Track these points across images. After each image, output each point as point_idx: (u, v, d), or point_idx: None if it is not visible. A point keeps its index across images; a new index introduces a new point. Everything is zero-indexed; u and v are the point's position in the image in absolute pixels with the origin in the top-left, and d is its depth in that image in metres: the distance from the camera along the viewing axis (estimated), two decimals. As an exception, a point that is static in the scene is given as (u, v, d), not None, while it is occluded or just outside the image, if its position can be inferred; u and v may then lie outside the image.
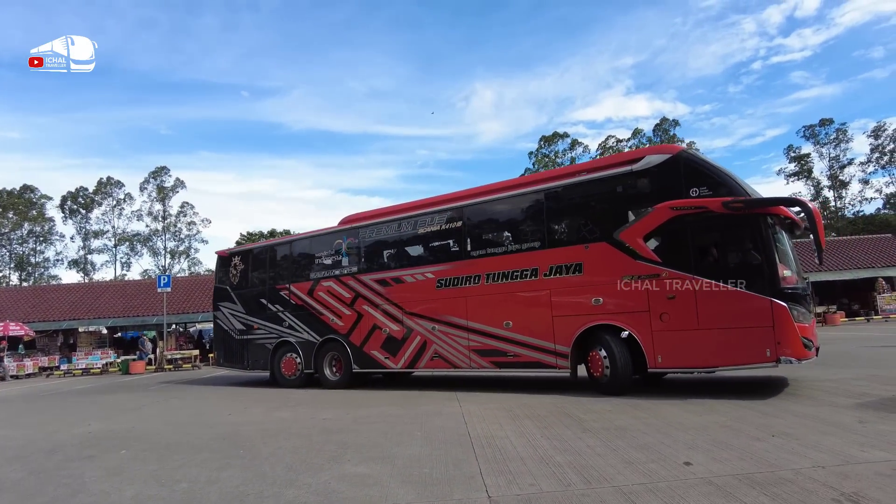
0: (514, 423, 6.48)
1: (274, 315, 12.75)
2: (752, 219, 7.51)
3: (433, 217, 10.68)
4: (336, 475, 4.70)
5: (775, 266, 7.34)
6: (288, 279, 12.77)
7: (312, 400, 9.82)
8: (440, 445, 5.54)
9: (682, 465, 4.35)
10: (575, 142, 57.41)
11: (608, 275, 8.38)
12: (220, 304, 13.99)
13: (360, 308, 11.36)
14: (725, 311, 7.51)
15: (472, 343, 9.74)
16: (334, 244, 12.04)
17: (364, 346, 11.25)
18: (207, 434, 7.04)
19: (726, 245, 7.98)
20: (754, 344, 7.30)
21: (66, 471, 5.47)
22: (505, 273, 9.50)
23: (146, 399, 11.53)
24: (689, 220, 7.81)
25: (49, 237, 55.06)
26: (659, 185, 8.21)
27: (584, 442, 5.32)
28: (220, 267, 14.45)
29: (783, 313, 7.18)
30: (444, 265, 10.35)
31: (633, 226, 8.27)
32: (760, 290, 7.31)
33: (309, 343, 12.08)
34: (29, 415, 10.32)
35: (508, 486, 4.12)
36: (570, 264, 8.83)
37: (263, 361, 12.81)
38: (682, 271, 7.80)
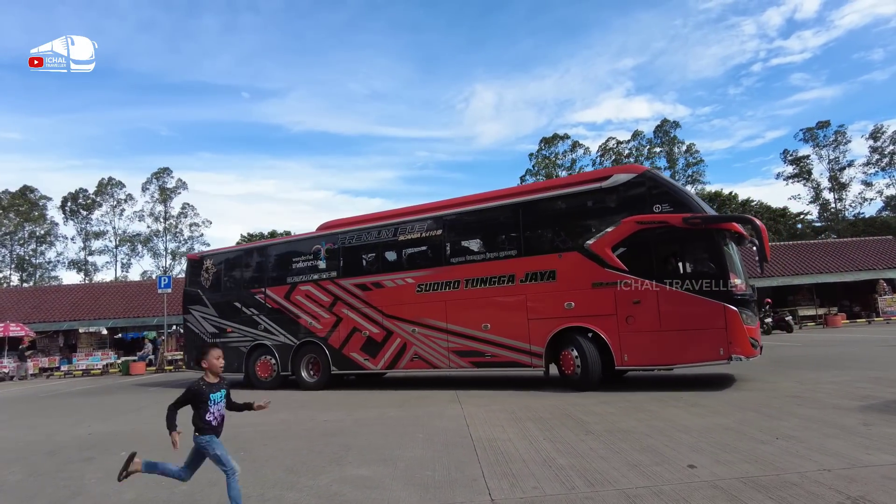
0: (516, 425, 6.44)
1: (249, 318, 12.86)
2: (708, 233, 8.51)
3: (414, 225, 11.18)
4: (337, 478, 4.67)
5: (728, 275, 8.29)
6: (264, 283, 12.92)
7: (313, 402, 9.78)
8: (442, 448, 5.51)
9: (687, 467, 4.32)
10: (576, 143, 57.43)
11: (579, 281, 9.24)
12: (190, 307, 13.91)
13: (339, 311, 11.70)
14: (684, 315, 8.44)
15: (452, 344, 10.30)
16: (313, 249, 12.30)
17: (343, 348, 11.59)
18: (208, 436, 7.00)
19: (685, 256, 8.89)
20: (709, 344, 8.23)
21: (65, 472, 5.44)
22: (483, 279, 10.17)
23: (146, 400, 11.49)
24: (652, 233, 8.77)
25: (50, 238, 55.04)
26: (625, 200, 9.12)
27: (586, 444, 5.28)
28: (190, 270, 14.43)
29: (734, 317, 8.15)
30: (425, 271, 10.84)
31: (603, 237, 9.15)
32: (714, 296, 8.24)
33: (286, 346, 12.30)
34: (29, 416, 10.28)
35: (511, 489, 4.08)
36: (544, 271, 9.61)
37: (237, 364, 12.82)
38: (646, 278, 8.72)
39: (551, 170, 56.29)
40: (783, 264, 27.68)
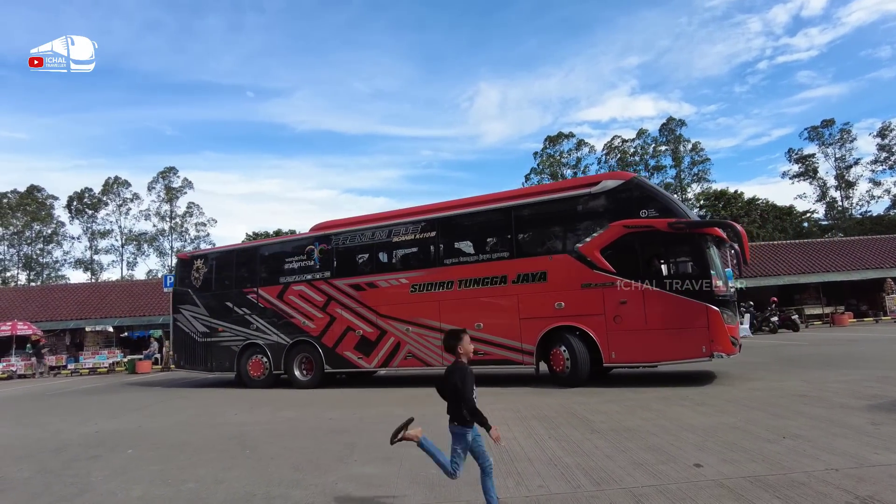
0: (521, 423, 6.44)
1: (241, 318, 12.93)
2: (692, 237, 8.98)
3: (408, 227, 11.41)
4: (343, 476, 4.68)
5: (710, 277, 8.73)
6: (256, 283, 12.98)
7: (318, 400, 9.80)
8: (447, 447, 5.49)
9: (693, 466, 4.30)
10: (581, 142, 57.24)
11: (569, 282, 9.63)
12: (180, 306, 13.92)
13: (333, 311, 11.86)
14: (668, 314, 8.89)
15: None
16: (306, 249, 12.42)
17: (337, 347, 11.76)
18: (214, 434, 7.03)
19: (670, 258, 9.34)
20: (692, 342, 8.70)
21: (72, 470, 5.46)
22: (476, 279, 10.48)
23: (152, 398, 11.54)
24: (639, 237, 9.22)
25: (57, 238, 55.34)
26: (614, 205, 9.56)
27: (592, 443, 5.27)
28: (180, 269, 14.38)
29: (716, 316, 8.61)
30: (419, 271, 11.09)
31: (592, 240, 9.58)
32: (697, 296, 8.71)
33: (278, 345, 12.40)
34: (36, 414, 10.34)
35: (517, 488, 4.08)
36: (535, 273, 9.98)
37: (229, 363, 12.96)
38: (633, 280, 9.15)
39: (556, 168, 56.18)
40: (789, 263, 27.53)
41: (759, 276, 26.44)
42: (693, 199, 52.33)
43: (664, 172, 54.52)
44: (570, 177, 55.63)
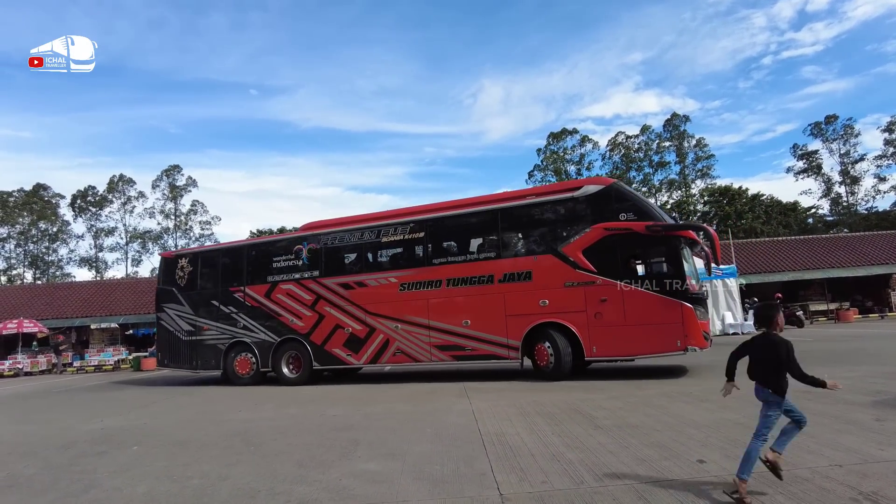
0: (524, 420, 6.44)
1: (227, 316, 13.02)
2: (668, 239, 9.63)
3: (397, 228, 11.77)
4: (347, 472, 4.69)
5: (684, 276, 9.42)
6: (243, 282, 13.06)
7: (321, 397, 9.83)
8: (451, 442, 5.52)
9: (696, 462, 4.30)
10: (585, 138, 57.00)
11: (553, 281, 10.18)
12: (164, 305, 13.90)
13: (321, 309, 12.07)
14: (646, 311, 9.47)
15: (434, 339, 10.98)
16: (295, 249, 12.61)
17: (325, 344, 11.97)
18: (218, 431, 7.06)
19: (647, 259, 9.93)
20: (668, 337, 9.31)
21: (78, 466, 5.50)
22: (464, 279, 10.92)
23: (157, 395, 11.60)
24: (618, 239, 9.80)
25: (62, 236, 55.55)
26: (595, 209, 10.12)
27: (595, 439, 5.28)
28: (164, 269, 14.33)
29: (689, 313, 9.29)
30: (408, 271, 11.44)
31: (574, 242, 10.13)
32: (672, 294, 9.36)
33: (266, 343, 12.54)
34: (42, 411, 10.41)
35: (520, 484, 4.09)
36: (521, 272, 10.48)
37: (215, 361, 13.04)
38: (613, 279, 9.74)
39: (560, 165, 56.01)
40: (794, 259, 27.44)
41: (763, 272, 26.37)
42: (697, 195, 52.17)
43: (668, 168, 54.36)
44: (573, 173, 55.58)
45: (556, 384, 9.49)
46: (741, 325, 20.09)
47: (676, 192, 53.76)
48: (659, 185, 54.50)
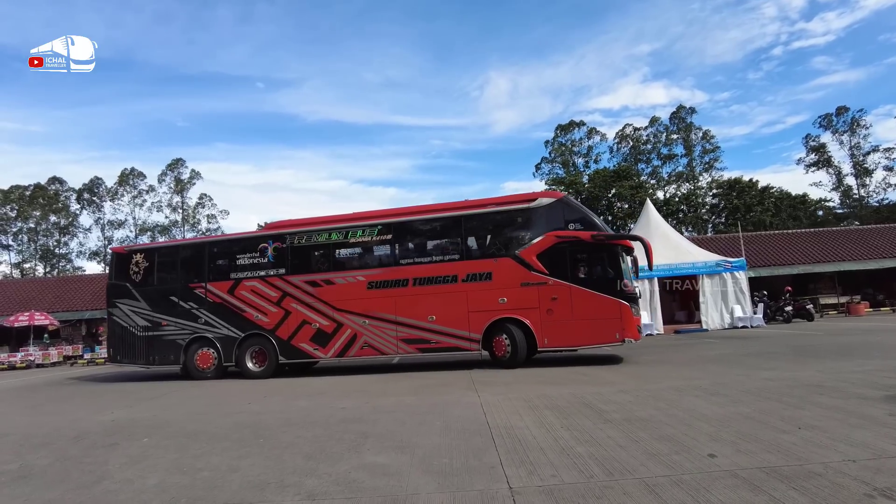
0: (533, 413, 6.43)
1: (186, 312, 13.10)
2: (609, 247, 11.26)
3: (366, 229, 12.53)
4: (356, 464, 4.70)
5: (622, 279, 11.03)
6: (204, 278, 13.21)
7: (331, 389, 9.86)
8: (459, 435, 5.52)
9: (707, 457, 4.28)
10: (592, 130, 56.69)
11: (511, 281, 11.42)
12: (116, 300, 13.72)
13: (287, 306, 12.54)
14: (590, 308, 10.96)
15: (400, 334, 11.86)
16: (260, 247, 12.95)
17: (292, 339, 12.46)
18: (227, 423, 7.10)
19: (592, 264, 11.39)
20: (608, 330, 10.88)
21: (90, 458, 5.54)
22: (430, 278, 11.86)
23: (166, 388, 11.67)
24: (567, 246, 11.29)
25: (72, 229, 55.96)
26: (547, 219, 11.53)
27: (605, 433, 5.26)
28: (117, 264, 14.22)
29: (626, 310, 10.93)
30: (376, 270, 12.28)
31: (529, 247, 11.45)
32: (612, 294, 10.92)
33: (229, 338, 12.77)
34: (54, 403, 10.51)
35: (529, 477, 4.08)
36: (482, 272, 11.62)
37: (174, 357, 13.11)
38: (562, 280, 11.17)
39: (568, 157, 55.79)
40: (804, 252, 27.22)
41: (772, 265, 26.20)
42: (705, 187, 51.79)
43: (676, 161, 53.99)
44: (581, 165, 55.31)
45: (563, 377, 9.48)
46: (750, 318, 19.96)
47: (685, 185, 53.39)
48: (668, 178, 54.15)
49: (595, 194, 47.84)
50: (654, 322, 19.96)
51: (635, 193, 46.27)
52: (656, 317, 20.11)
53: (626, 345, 11.10)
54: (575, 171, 54.29)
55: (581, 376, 9.51)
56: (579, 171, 54.44)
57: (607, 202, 49.19)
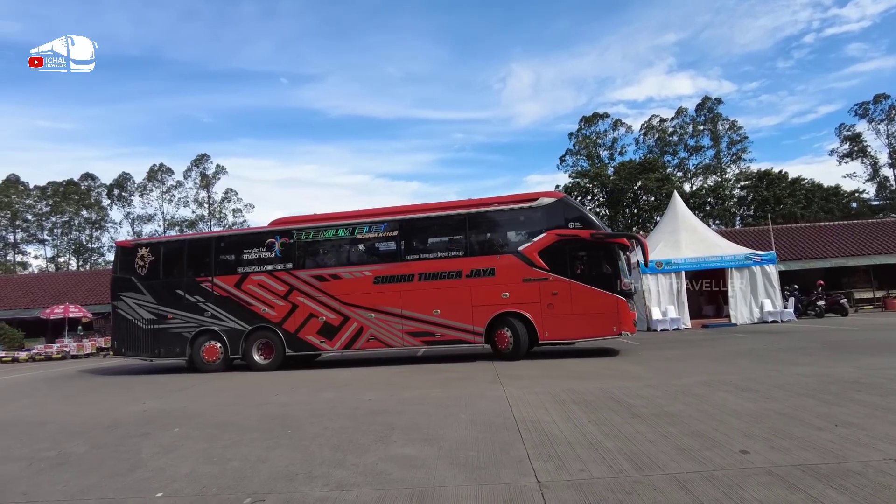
0: (560, 407, 6.38)
1: (193, 305, 13.30)
2: (607, 245, 11.85)
3: (372, 226, 12.90)
4: (383, 456, 4.72)
5: (620, 276, 11.59)
6: (211, 272, 13.43)
7: (356, 381, 9.93)
8: (486, 428, 5.50)
9: (739, 453, 4.19)
10: (617, 122, 55.87)
11: (513, 277, 11.93)
12: (121, 294, 13.84)
13: (295, 300, 12.85)
14: (589, 303, 11.50)
15: (406, 327, 12.29)
16: (267, 242, 13.21)
17: (299, 332, 12.79)
18: (256, 413, 7.19)
19: (590, 261, 11.87)
20: (605, 324, 11.46)
21: (124, 446, 5.67)
22: (435, 273, 12.29)
23: (195, 379, 11.87)
24: (567, 243, 11.82)
25: (104, 224, 57.39)
26: (548, 218, 12.03)
27: (633, 427, 5.19)
28: (121, 257, 14.30)
29: (623, 305, 11.52)
30: (382, 265, 12.69)
31: (531, 244, 11.96)
32: (610, 290, 11.50)
33: (236, 331, 13.03)
34: (89, 393, 10.77)
35: (557, 472, 4.05)
36: (485, 268, 12.08)
37: (180, 349, 13.30)
38: (563, 276, 11.71)
39: (592, 149, 55.15)
40: (837, 245, 26.50)
41: (804, 258, 25.58)
42: (733, 179, 50.73)
43: (703, 153, 52.99)
44: (606, 158, 54.65)
45: (589, 372, 9.41)
46: (781, 312, 19.53)
47: (712, 177, 52.40)
48: (694, 170, 53.21)
49: (620, 186, 47.25)
50: (682, 316, 19.67)
51: (661, 186, 45.57)
52: (683, 311, 19.81)
53: (622, 337, 11.74)
54: (600, 163, 53.66)
55: (607, 371, 9.42)
56: (604, 163, 53.79)
57: (633, 195, 48.55)
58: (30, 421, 7.69)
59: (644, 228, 45.87)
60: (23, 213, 55.31)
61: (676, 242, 20.82)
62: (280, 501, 3.78)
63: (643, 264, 12.50)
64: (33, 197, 55.94)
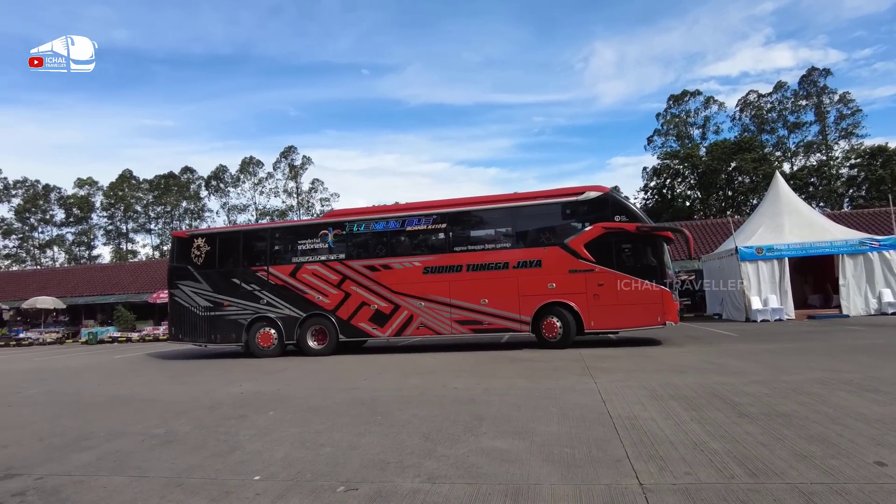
0: (657, 403, 6.03)
1: (249, 293, 13.93)
2: (653, 238, 12.19)
3: (422, 218, 13.37)
4: (474, 448, 4.62)
5: (665, 268, 12.03)
6: (266, 262, 14.07)
7: (441, 368, 9.93)
8: (579, 423, 5.27)
9: (873, 464, 3.73)
10: (710, 99, 52.71)
11: (559, 268, 12.31)
12: (178, 282, 14.50)
13: (347, 288, 13.44)
14: (634, 294, 11.84)
15: (455, 315, 12.79)
16: (320, 233, 13.85)
17: (351, 319, 13.38)
18: (346, 398, 7.32)
19: (636, 253, 12.23)
20: (650, 314, 11.79)
21: (223, 427, 5.91)
22: (482, 264, 12.74)
23: (286, 363, 12.35)
24: (614, 236, 12.16)
25: (203, 214, 61.37)
26: (594, 211, 12.40)
27: (741, 428, 4.79)
28: (178, 247, 14.92)
29: (668, 296, 11.83)
30: (431, 256, 13.14)
31: (577, 237, 12.32)
32: (655, 281, 11.84)
33: (291, 318, 13.67)
34: (191, 374, 11.46)
35: (661, 474, 3.77)
36: (532, 260, 12.49)
37: (235, 335, 13.94)
38: (608, 268, 12.07)
39: (682, 129, 52.40)
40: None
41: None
42: (840, 157, 46.57)
43: (805, 130, 48.94)
44: (697, 137, 51.81)
45: (687, 365, 8.90)
46: (902, 303, 17.68)
47: (815, 156, 48.35)
48: (795, 149, 49.32)
49: (713, 167, 44.62)
50: (784, 306, 18.26)
51: (758, 166, 42.67)
52: (787, 300, 18.38)
53: (667, 327, 12.05)
54: (691, 143, 50.90)
55: (707, 364, 8.86)
56: (696, 143, 50.97)
57: (727, 176, 45.77)
58: (142, 398, 8.25)
59: (739, 212, 43.14)
60: (133, 205, 60.19)
61: (779, 227, 19.33)
62: (373, 491, 3.76)
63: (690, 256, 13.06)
64: (142, 190, 60.70)
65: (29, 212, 59.37)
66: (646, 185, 51.57)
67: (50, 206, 60.51)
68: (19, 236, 59.79)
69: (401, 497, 3.61)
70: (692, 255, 13.73)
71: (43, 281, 34.64)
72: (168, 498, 3.81)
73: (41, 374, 12.73)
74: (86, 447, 5.37)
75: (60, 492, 4.08)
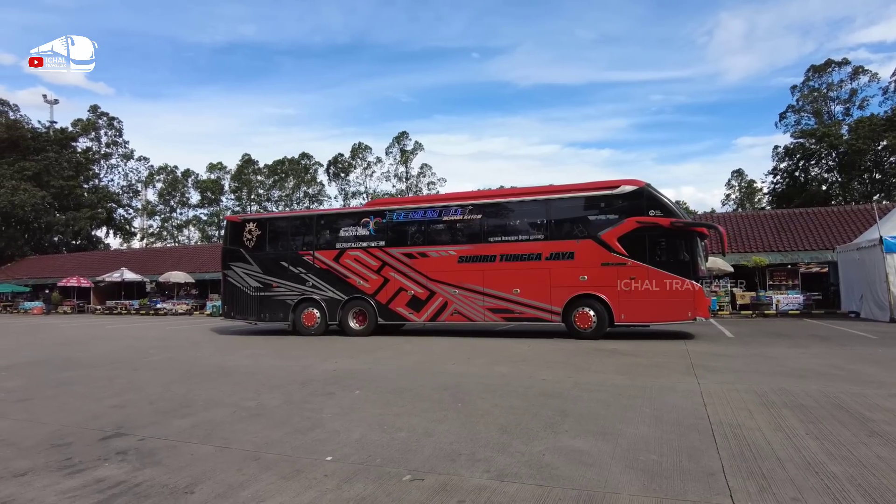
0: (767, 411, 5.36)
1: (296, 276, 14.91)
2: (687, 233, 12.23)
3: (458, 209, 13.81)
4: (551, 446, 4.34)
5: (698, 263, 12.12)
6: (313, 247, 14.98)
7: (533, 357, 9.65)
8: (672, 428, 4.80)
9: None
10: (858, 69, 46.74)
11: (592, 261, 12.44)
12: (231, 263, 15.61)
13: (386, 274, 14.13)
14: (665, 288, 11.89)
15: (488, 303, 13.21)
16: (363, 221, 14.59)
17: (390, 303, 14.08)
18: (431, 383, 7.28)
19: (669, 248, 12.31)
20: (681, 308, 11.83)
21: (310, 404, 6.07)
22: (516, 255, 13.08)
23: (382, 342, 12.64)
24: (647, 230, 12.19)
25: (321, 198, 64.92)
26: (628, 205, 12.43)
27: (871, 450, 4.10)
28: (231, 231, 16.04)
29: (699, 291, 11.88)
30: (466, 246, 13.60)
31: (611, 230, 12.39)
32: (687, 276, 11.87)
33: (334, 300, 14.56)
34: (296, 348, 12.04)
35: (761, 495, 3.29)
36: (565, 252, 12.70)
37: (283, 314, 14.99)
38: (641, 262, 12.12)
39: (821, 105, 47.15)
40: None
41: None
42: None
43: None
44: (839, 114, 46.41)
45: (808, 369, 7.93)
46: None
47: None
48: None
49: (858, 147, 39.68)
50: None
51: (915, 146, 37.34)
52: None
53: (697, 322, 12.16)
54: (831, 120, 45.66)
55: (834, 369, 7.83)
56: (837, 120, 45.63)
57: (874, 157, 40.59)
58: (244, 371, 8.75)
59: (889, 197, 38.22)
60: (255, 188, 64.87)
61: (935, 215, 16.78)
62: (438, 483, 3.62)
63: (722, 253, 13.75)
64: (263, 174, 65.22)
65: (170, 195, 65.85)
66: (775, 167, 47.15)
67: (187, 189, 66.76)
68: (162, 217, 66.62)
69: (465, 493, 3.45)
70: (725, 252, 13.78)
71: (177, 257, 38.21)
72: (243, 471, 3.92)
73: (167, 342, 14.03)
74: (185, 414, 5.74)
75: (155, 454, 4.35)
